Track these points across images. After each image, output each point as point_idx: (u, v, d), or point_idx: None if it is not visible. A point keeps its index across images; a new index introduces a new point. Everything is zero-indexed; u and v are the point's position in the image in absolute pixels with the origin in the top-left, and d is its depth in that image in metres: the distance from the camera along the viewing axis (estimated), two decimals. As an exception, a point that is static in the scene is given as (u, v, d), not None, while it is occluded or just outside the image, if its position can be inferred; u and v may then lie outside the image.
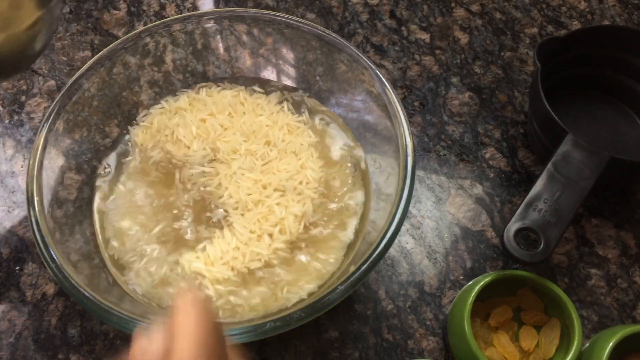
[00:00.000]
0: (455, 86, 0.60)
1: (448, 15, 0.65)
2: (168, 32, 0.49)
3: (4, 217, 0.51)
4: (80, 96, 0.45)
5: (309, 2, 0.66)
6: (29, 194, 0.40)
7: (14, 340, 0.45)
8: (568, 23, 0.65)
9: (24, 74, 0.59)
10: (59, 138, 0.44)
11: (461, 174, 0.54)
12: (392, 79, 0.60)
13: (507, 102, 0.59)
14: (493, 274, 0.43)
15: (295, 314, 0.36)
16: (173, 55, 0.51)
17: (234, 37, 0.51)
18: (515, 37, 0.64)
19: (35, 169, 0.41)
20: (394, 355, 0.46)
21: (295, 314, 0.36)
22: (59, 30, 0.63)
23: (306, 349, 0.46)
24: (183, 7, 0.66)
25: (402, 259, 0.50)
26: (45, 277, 0.48)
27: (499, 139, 0.57)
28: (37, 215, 0.39)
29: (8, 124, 0.56)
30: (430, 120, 0.58)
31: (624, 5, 0.67)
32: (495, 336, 0.45)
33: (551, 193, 0.44)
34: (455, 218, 0.52)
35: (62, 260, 0.38)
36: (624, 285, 0.49)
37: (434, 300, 0.48)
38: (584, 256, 0.50)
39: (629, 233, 0.52)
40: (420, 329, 0.47)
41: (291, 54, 0.51)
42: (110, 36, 0.63)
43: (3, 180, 0.53)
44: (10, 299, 0.47)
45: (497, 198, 0.53)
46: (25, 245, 0.50)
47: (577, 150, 0.46)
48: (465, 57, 0.62)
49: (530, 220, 0.43)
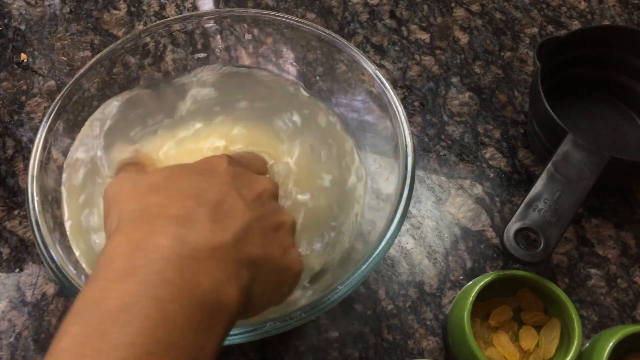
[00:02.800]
0: (455, 86, 0.60)
1: (448, 15, 0.65)
2: (168, 32, 0.49)
3: (4, 217, 0.51)
4: (80, 96, 0.45)
5: (309, 2, 0.66)
6: (29, 194, 0.40)
7: (14, 340, 0.45)
8: (568, 23, 0.65)
9: (24, 74, 0.59)
10: (58, 138, 0.44)
11: (461, 174, 0.54)
12: (392, 79, 0.60)
13: (507, 102, 0.59)
14: (493, 274, 0.43)
15: (295, 314, 0.36)
16: (173, 55, 0.51)
17: (234, 37, 0.51)
18: (515, 37, 0.64)
19: (35, 169, 0.41)
20: (394, 355, 0.46)
21: (295, 314, 0.36)
22: (59, 30, 0.63)
23: (306, 349, 0.46)
24: (183, 7, 0.66)
25: (402, 259, 0.50)
26: (45, 277, 0.48)
27: (499, 139, 0.57)
28: (37, 215, 0.39)
29: (8, 124, 0.56)
30: (430, 120, 0.58)
31: (624, 5, 0.67)
32: (495, 336, 0.45)
33: (551, 193, 0.44)
34: (455, 218, 0.52)
35: (62, 260, 0.38)
36: (624, 285, 0.49)
37: (434, 300, 0.48)
38: (584, 256, 0.50)
39: (629, 233, 0.52)
40: (420, 329, 0.47)
41: (291, 54, 0.51)
42: (110, 36, 0.63)
43: (3, 180, 0.53)
44: (10, 299, 0.47)
45: (497, 198, 0.53)
46: (25, 245, 0.50)
47: (577, 150, 0.46)
48: (465, 57, 0.62)
49: (530, 220, 0.43)
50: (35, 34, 0.63)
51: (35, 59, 0.61)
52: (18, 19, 0.64)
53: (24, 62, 0.61)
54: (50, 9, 0.65)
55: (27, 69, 0.60)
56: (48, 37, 0.63)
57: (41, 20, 0.64)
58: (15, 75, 0.60)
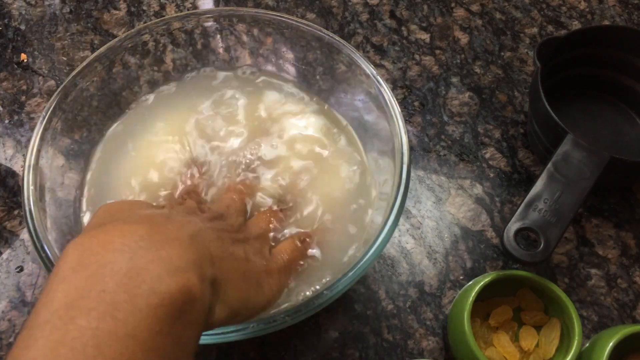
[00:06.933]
0: (455, 86, 0.60)
1: (448, 15, 0.65)
2: (167, 30, 0.49)
3: (4, 217, 0.51)
4: (78, 95, 0.45)
5: (309, 2, 0.66)
6: (25, 183, 0.40)
7: (14, 340, 0.45)
8: (568, 23, 0.65)
9: (24, 74, 0.59)
10: (57, 137, 0.44)
11: (461, 174, 0.54)
12: (392, 79, 0.60)
13: (507, 102, 0.59)
14: (493, 274, 0.43)
15: (279, 317, 0.35)
16: (173, 55, 0.51)
17: (234, 37, 0.51)
18: (515, 37, 0.64)
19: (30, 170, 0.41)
20: (394, 355, 0.46)
21: (279, 317, 0.35)
22: (58, 30, 0.63)
23: (306, 349, 0.45)
24: (183, 7, 0.66)
25: (402, 259, 0.50)
26: (45, 277, 0.48)
27: (499, 139, 0.57)
28: (32, 205, 0.39)
29: (8, 124, 0.56)
30: (430, 120, 0.58)
31: (624, 5, 0.67)
32: (495, 336, 0.45)
33: (551, 193, 0.44)
34: (455, 218, 0.52)
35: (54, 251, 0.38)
36: (624, 285, 0.49)
37: (434, 300, 0.48)
38: (584, 256, 0.50)
39: (629, 233, 0.52)
40: (420, 329, 0.47)
41: (291, 54, 0.51)
42: (110, 36, 0.63)
43: (3, 180, 0.53)
44: (10, 299, 0.47)
45: (497, 198, 0.53)
46: (25, 245, 0.50)
47: (577, 150, 0.46)
48: (465, 57, 0.62)
49: (530, 220, 0.43)
50: (35, 34, 0.63)
51: (35, 59, 0.61)
52: (18, 19, 0.64)
53: (24, 62, 0.61)
54: (50, 9, 0.65)
55: (27, 69, 0.60)
56: (48, 37, 0.63)
57: (41, 20, 0.64)
58: (15, 75, 0.60)
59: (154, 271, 0.24)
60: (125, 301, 0.23)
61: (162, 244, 0.26)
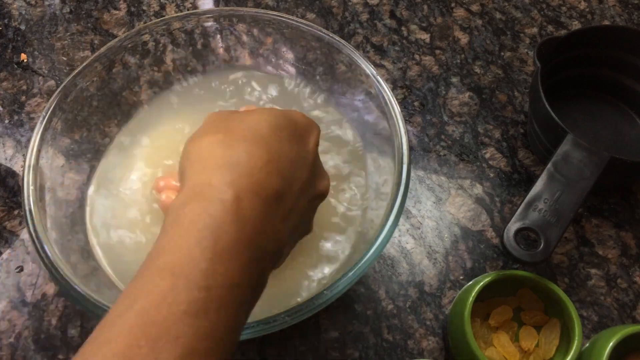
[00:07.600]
0: (455, 86, 0.60)
1: (448, 15, 0.65)
2: (167, 30, 0.49)
3: (4, 217, 0.51)
4: (78, 95, 0.45)
5: (309, 2, 0.66)
6: (25, 182, 0.40)
7: (14, 340, 0.45)
8: (568, 23, 0.65)
9: (24, 74, 0.59)
10: (57, 137, 0.44)
11: (461, 174, 0.54)
12: (392, 79, 0.60)
13: (507, 102, 0.59)
14: (493, 274, 0.43)
15: (279, 318, 0.35)
16: (173, 55, 0.51)
17: (234, 37, 0.51)
18: (515, 37, 0.64)
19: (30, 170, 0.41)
20: (394, 355, 0.46)
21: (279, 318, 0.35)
22: (58, 30, 0.63)
23: (306, 349, 0.46)
24: (183, 7, 0.66)
25: (402, 259, 0.50)
26: (45, 277, 0.48)
27: (499, 139, 0.57)
28: (32, 205, 0.39)
29: (8, 124, 0.56)
30: (430, 120, 0.58)
31: (624, 5, 0.67)
32: (495, 336, 0.45)
33: (551, 193, 0.44)
34: (455, 218, 0.52)
35: (60, 260, 0.38)
36: (624, 285, 0.49)
37: (434, 300, 0.48)
38: (584, 256, 0.50)
39: (629, 233, 0.52)
40: (420, 329, 0.47)
41: (291, 54, 0.51)
42: (110, 36, 0.63)
43: (3, 180, 0.53)
44: (10, 299, 0.47)
45: (497, 198, 0.53)
46: (25, 245, 0.50)
47: (577, 150, 0.46)
48: (465, 57, 0.62)
49: (530, 220, 0.43)
50: (35, 34, 0.63)
51: (35, 59, 0.61)
52: (18, 19, 0.64)
53: (24, 62, 0.61)
54: (50, 9, 0.65)
55: (27, 69, 0.60)
56: (48, 37, 0.63)
57: (41, 20, 0.64)
58: (15, 75, 0.60)
59: None
60: None
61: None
